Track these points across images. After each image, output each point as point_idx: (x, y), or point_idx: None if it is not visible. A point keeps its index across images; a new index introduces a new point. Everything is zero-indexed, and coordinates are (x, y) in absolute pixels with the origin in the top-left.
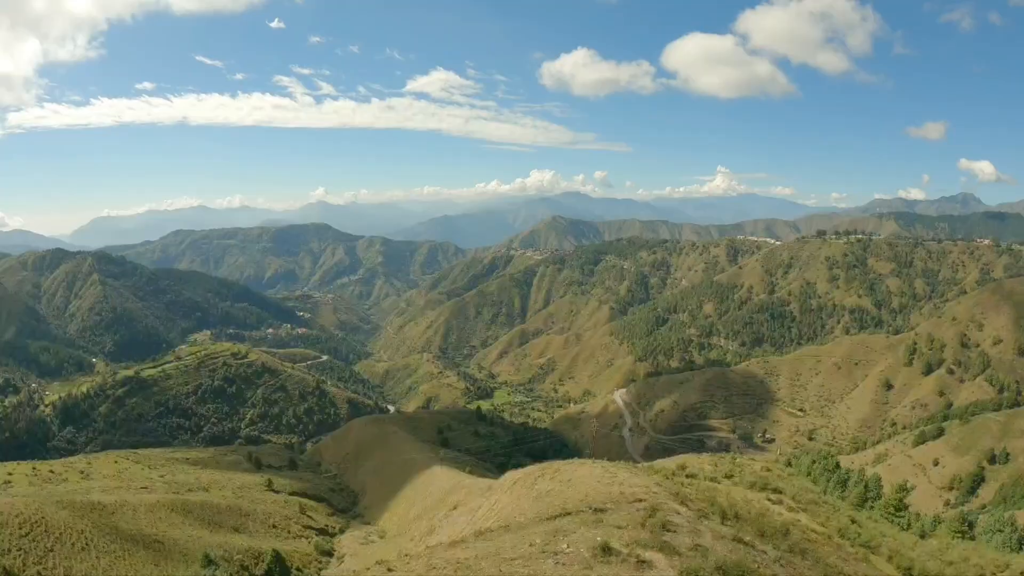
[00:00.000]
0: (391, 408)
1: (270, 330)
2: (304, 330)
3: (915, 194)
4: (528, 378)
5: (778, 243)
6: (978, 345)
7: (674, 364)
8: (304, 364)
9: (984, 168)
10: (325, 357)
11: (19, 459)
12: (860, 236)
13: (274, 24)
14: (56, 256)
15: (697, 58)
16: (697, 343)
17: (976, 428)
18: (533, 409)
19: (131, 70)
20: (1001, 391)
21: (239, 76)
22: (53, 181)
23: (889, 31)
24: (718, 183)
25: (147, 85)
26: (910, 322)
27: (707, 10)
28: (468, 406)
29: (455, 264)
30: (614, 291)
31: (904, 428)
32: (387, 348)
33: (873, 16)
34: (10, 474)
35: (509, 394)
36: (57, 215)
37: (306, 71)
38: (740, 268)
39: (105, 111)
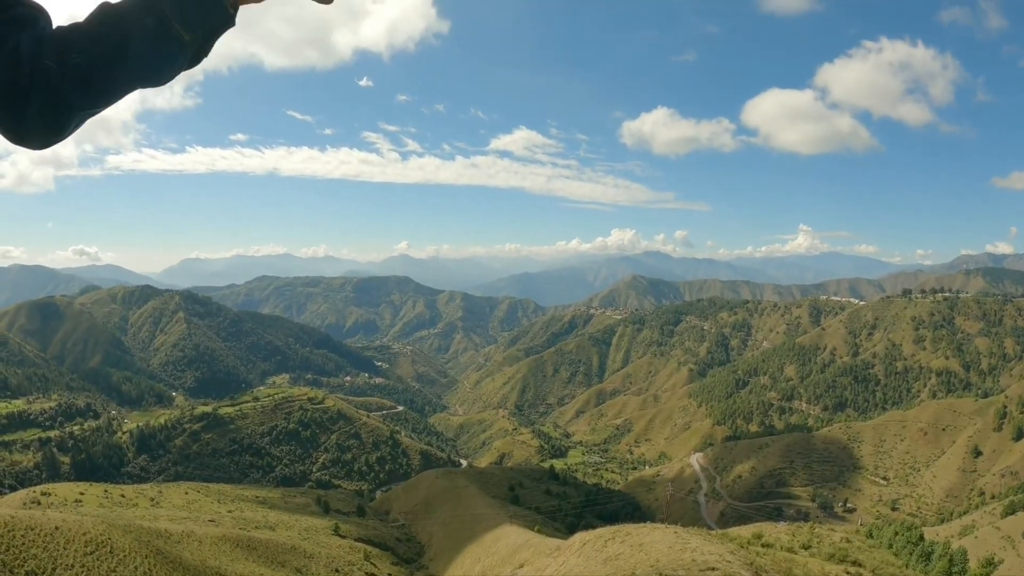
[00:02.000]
0: (463, 462)
1: (348, 378)
2: (381, 380)
3: (1003, 248)
4: (603, 438)
5: (862, 303)
6: None
7: (753, 428)
8: (379, 413)
9: None
10: (400, 408)
11: (93, 480)
12: (947, 294)
13: (363, 82)
14: (145, 292)
15: (777, 114)
16: (777, 407)
17: None
18: (607, 470)
19: (225, 121)
20: None
21: (328, 131)
22: (146, 221)
23: (971, 78)
24: (800, 242)
25: (240, 136)
26: (1000, 384)
27: (785, 65)
28: (541, 464)
29: (534, 321)
30: (693, 352)
31: (993, 498)
32: (463, 402)
33: (953, 63)
34: (82, 493)
35: (583, 454)
36: (148, 254)
37: (393, 128)
38: (823, 329)
39: (199, 159)
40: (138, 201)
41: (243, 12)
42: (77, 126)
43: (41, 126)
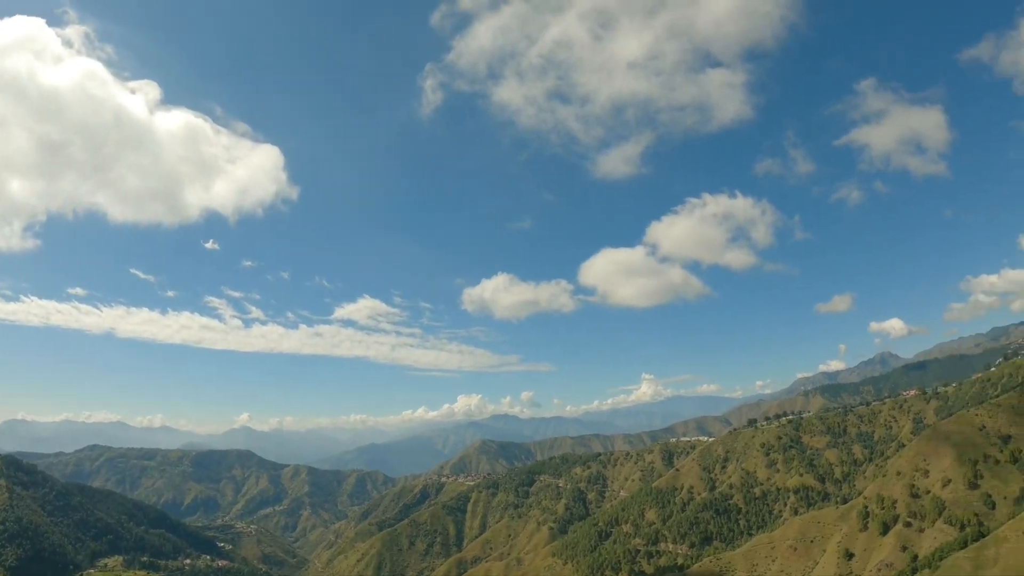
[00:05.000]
0: None
1: (187, 560)
2: (225, 562)
3: (835, 365)
4: None
5: (711, 439)
6: (928, 491)
7: None
8: None
9: (895, 326)
10: None
11: None
12: (790, 416)
13: (208, 244)
14: None
15: (611, 272)
16: (644, 552)
17: (948, 570)
18: None
19: (64, 271)
20: (962, 528)
21: (170, 293)
22: None
23: (787, 220)
24: (644, 390)
25: (79, 291)
26: (856, 488)
27: (617, 226)
28: None
29: (385, 493)
30: (551, 511)
31: None
32: None
33: (770, 208)
34: None
35: None
36: None
37: (237, 294)
38: (677, 470)
39: (33, 310)
40: None
41: (92, 155)
42: None
43: None
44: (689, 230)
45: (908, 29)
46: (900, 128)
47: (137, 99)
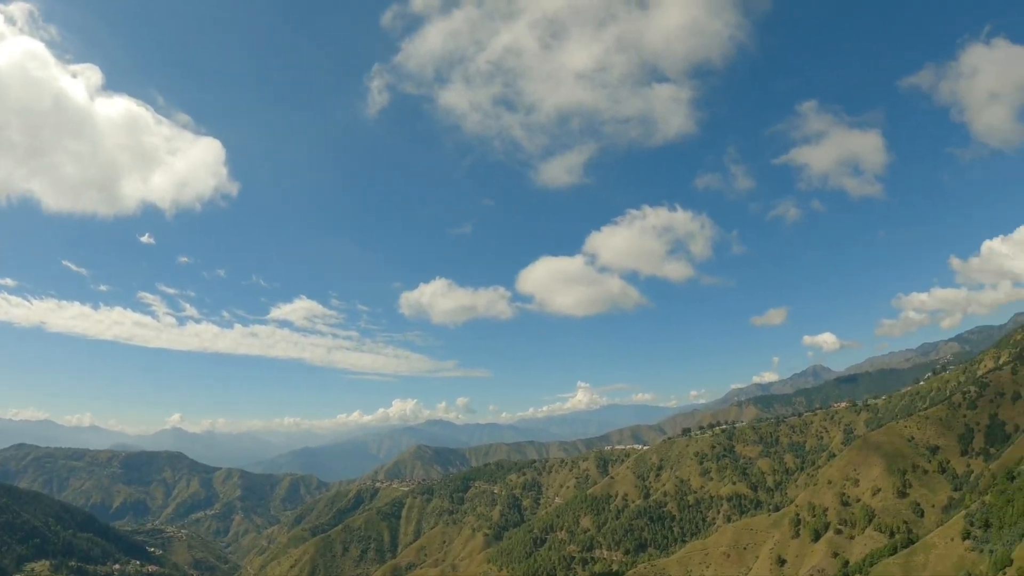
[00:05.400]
0: None
1: (117, 566)
2: (155, 568)
3: (768, 377)
4: None
5: (646, 448)
6: (858, 500)
7: None
8: None
9: (827, 340)
10: None
11: None
12: (724, 426)
13: (144, 239)
14: None
15: (550, 280)
16: (579, 558)
17: None
18: None
19: None
20: (892, 535)
21: (103, 287)
22: None
23: (725, 234)
24: (580, 398)
25: (8, 281)
26: (788, 496)
27: (557, 234)
28: None
29: (318, 498)
30: (486, 517)
31: None
32: None
33: (709, 222)
34: None
35: None
36: None
37: (171, 291)
38: (612, 478)
39: None
40: None
41: (29, 139)
42: None
43: None
44: (629, 241)
45: (852, 55)
46: (839, 149)
47: (78, 83)
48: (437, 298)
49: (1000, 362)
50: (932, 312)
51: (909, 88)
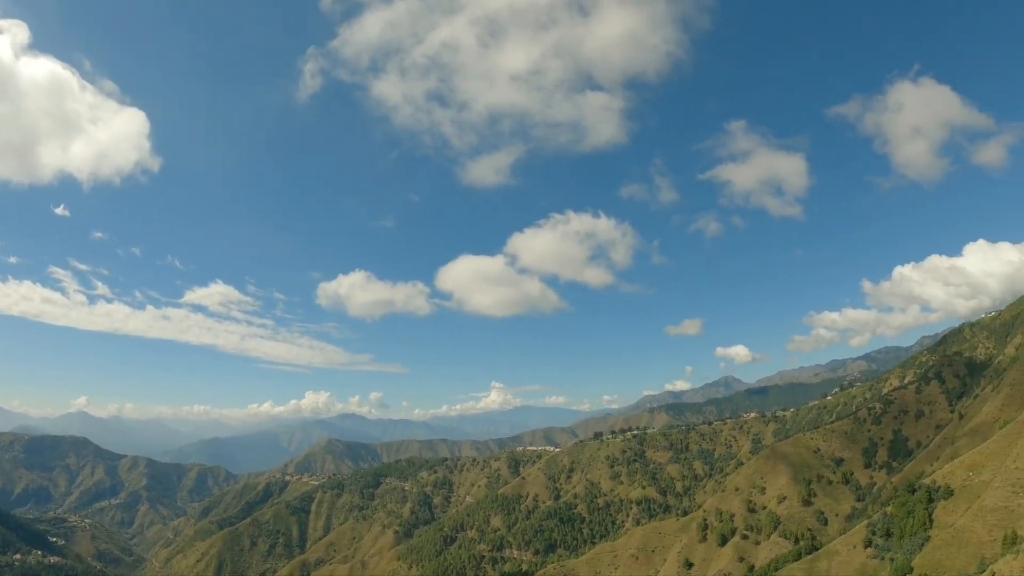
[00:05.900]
0: None
1: (17, 556)
2: (57, 559)
3: (680, 385)
4: None
5: (557, 450)
6: (764, 507)
7: None
8: None
9: (739, 352)
10: None
11: None
12: (635, 432)
13: (59, 210)
14: None
15: (469, 279)
16: (489, 558)
17: None
18: None
19: None
20: (796, 541)
21: (12, 259)
22: None
23: (646, 244)
24: (493, 398)
25: None
26: (696, 502)
27: (479, 233)
28: None
29: (227, 490)
30: (397, 514)
31: None
32: None
33: (631, 231)
34: None
35: None
36: None
37: (83, 267)
38: (523, 478)
39: None
40: None
41: None
42: None
43: None
44: (551, 244)
45: (783, 80)
46: (763, 170)
47: (3, 40)
48: (355, 290)
49: (905, 381)
50: (842, 331)
51: (836, 116)
